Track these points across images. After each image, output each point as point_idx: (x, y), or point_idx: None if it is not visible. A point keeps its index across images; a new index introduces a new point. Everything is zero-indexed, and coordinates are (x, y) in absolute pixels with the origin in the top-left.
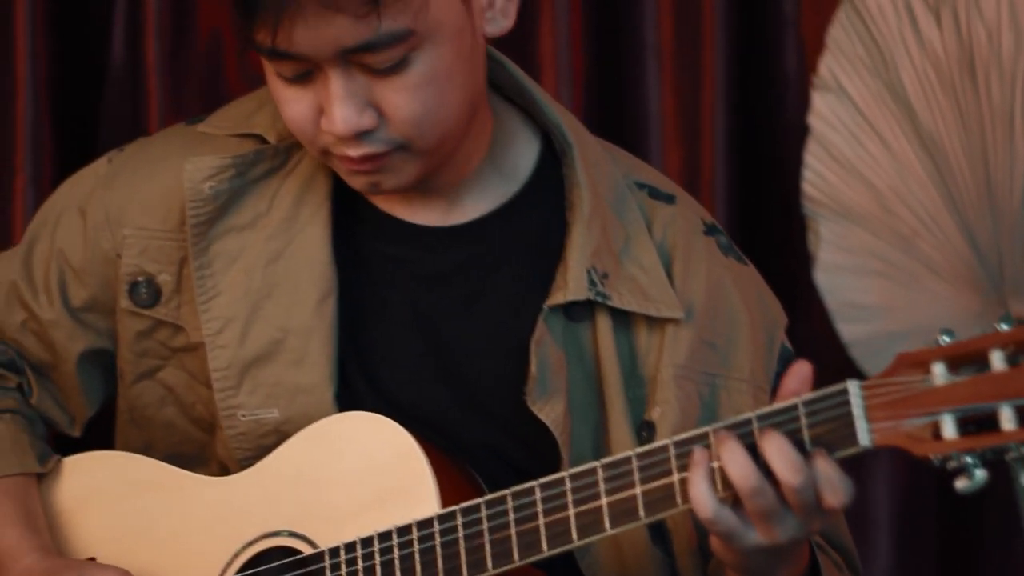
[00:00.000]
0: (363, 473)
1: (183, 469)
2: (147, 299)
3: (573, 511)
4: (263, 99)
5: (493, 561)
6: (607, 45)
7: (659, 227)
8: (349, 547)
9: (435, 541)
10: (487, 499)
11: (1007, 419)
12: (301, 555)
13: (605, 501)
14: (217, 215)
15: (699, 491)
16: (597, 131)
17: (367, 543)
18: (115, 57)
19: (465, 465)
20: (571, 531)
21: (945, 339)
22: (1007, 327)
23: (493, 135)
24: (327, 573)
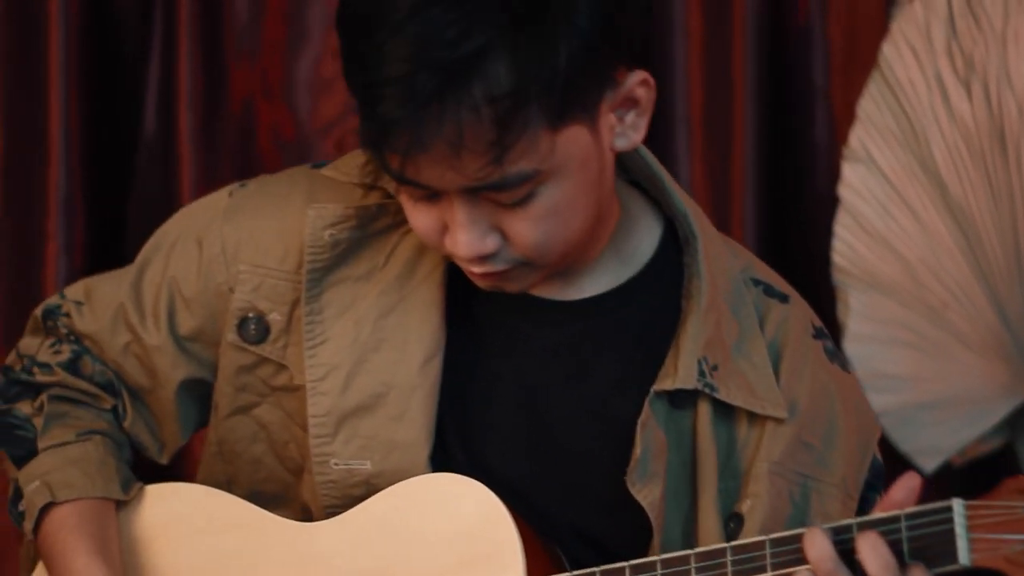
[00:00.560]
0: (449, 535)
1: (263, 508)
2: (255, 335)
3: None
4: None
5: None
6: None
7: (771, 325)
8: None
9: None
10: (576, 575)
11: None
12: None
13: None
14: (334, 263)
15: None
16: None
17: None
18: (148, 126)
19: (549, 539)
20: None
21: None
22: None
23: (618, 222)
24: None
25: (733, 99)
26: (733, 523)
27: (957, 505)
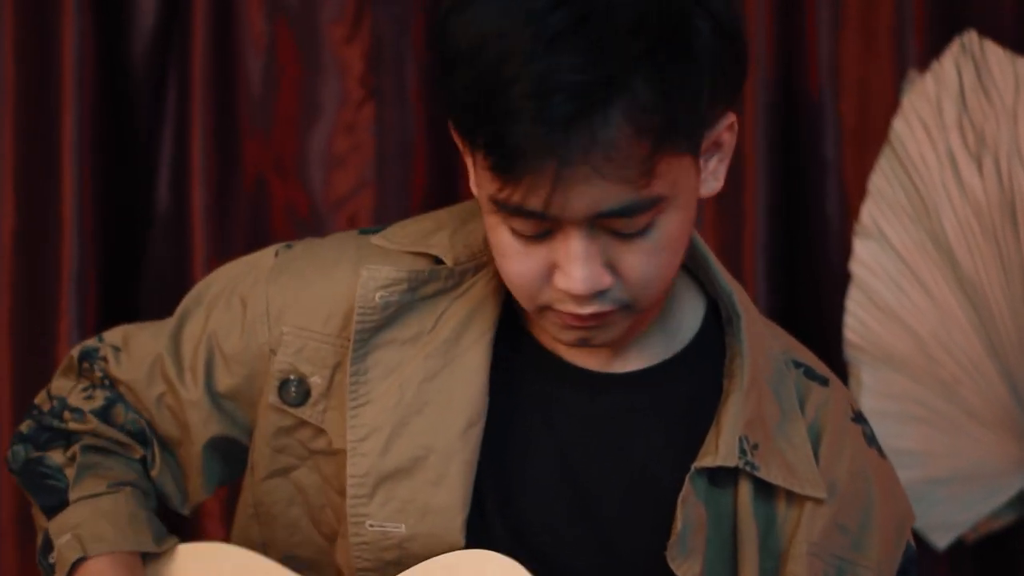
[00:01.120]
0: None
1: (298, 572)
2: (295, 398)
3: None
4: (442, 221)
5: None
6: None
7: (812, 407)
8: None
9: None
10: None
11: None
12: None
13: None
14: (382, 325)
15: None
16: None
17: None
18: (160, 202)
19: None
20: None
21: None
22: None
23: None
24: None
25: (744, 173)
26: None
27: None
